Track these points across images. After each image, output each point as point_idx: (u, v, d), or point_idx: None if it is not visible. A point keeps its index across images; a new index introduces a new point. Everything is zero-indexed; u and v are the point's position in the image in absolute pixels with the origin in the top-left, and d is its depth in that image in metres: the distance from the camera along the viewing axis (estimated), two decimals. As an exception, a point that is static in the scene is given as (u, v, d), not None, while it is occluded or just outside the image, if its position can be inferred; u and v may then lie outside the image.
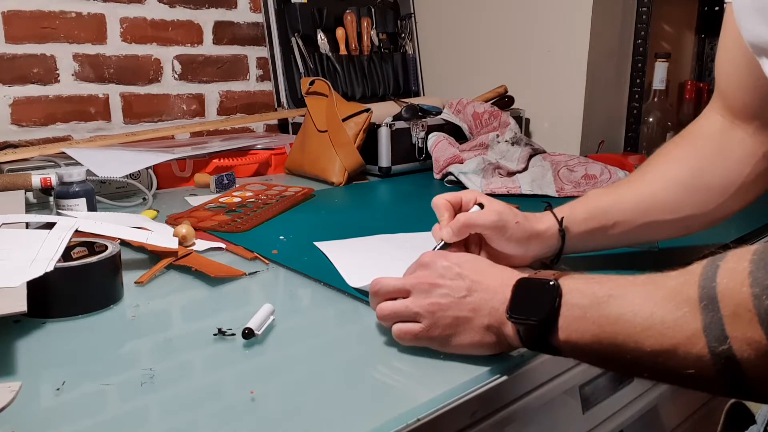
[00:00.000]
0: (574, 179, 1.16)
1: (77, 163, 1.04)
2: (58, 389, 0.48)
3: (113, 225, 0.75)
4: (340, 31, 1.61)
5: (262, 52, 1.62)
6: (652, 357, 0.41)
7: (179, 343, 0.56)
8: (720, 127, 0.69)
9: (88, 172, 0.95)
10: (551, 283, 0.48)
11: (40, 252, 0.61)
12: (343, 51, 1.62)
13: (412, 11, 1.77)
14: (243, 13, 1.58)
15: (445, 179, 1.26)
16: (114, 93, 1.40)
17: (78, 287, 0.61)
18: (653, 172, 0.71)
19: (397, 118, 1.34)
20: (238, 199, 1.06)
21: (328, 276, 0.71)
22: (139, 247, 0.79)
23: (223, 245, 0.82)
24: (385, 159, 1.31)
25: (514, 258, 0.68)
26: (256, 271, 0.74)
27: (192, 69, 1.51)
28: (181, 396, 0.48)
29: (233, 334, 0.57)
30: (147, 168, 1.11)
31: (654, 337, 0.41)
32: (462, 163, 1.24)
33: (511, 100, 1.56)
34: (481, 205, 0.67)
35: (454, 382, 0.50)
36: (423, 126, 1.35)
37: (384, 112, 1.34)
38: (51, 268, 0.58)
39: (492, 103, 1.47)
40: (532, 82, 1.56)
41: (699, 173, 0.68)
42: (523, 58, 1.57)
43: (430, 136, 1.34)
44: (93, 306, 0.62)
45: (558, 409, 0.65)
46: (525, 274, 0.52)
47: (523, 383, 0.56)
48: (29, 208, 1.00)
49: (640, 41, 1.53)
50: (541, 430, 0.63)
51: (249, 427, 0.44)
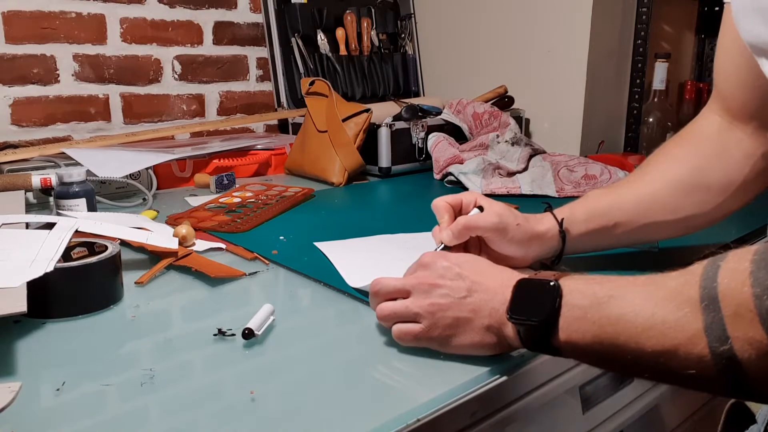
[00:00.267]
0: (574, 179, 1.16)
1: (77, 164, 1.04)
2: (58, 389, 0.48)
3: (113, 225, 0.75)
4: (340, 32, 1.61)
5: (262, 52, 1.62)
6: (653, 357, 0.41)
7: (179, 343, 0.56)
8: (718, 127, 0.69)
9: (88, 173, 0.95)
10: (551, 283, 0.48)
11: (40, 252, 0.61)
12: (343, 51, 1.62)
13: (412, 11, 1.77)
14: (243, 14, 1.58)
15: (445, 179, 1.26)
16: (114, 93, 1.40)
17: (78, 287, 0.61)
18: (653, 173, 0.71)
19: (397, 118, 1.34)
20: (238, 199, 1.06)
21: (328, 276, 0.71)
22: (139, 248, 0.79)
23: (223, 245, 0.82)
24: (385, 159, 1.31)
25: (514, 259, 0.68)
26: (256, 272, 0.74)
27: (192, 69, 1.51)
28: (181, 396, 0.48)
29: (233, 335, 0.57)
30: (147, 168, 1.11)
31: (655, 337, 0.41)
32: (462, 163, 1.24)
33: (511, 100, 1.56)
34: (481, 208, 0.67)
35: (454, 383, 0.50)
36: (423, 126, 1.35)
37: (384, 112, 1.34)
38: (51, 269, 0.58)
39: (492, 104, 1.47)
40: (532, 82, 1.56)
41: (698, 173, 0.68)
42: (523, 58, 1.57)
43: (430, 136, 1.34)
44: (93, 306, 0.62)
45: (558, 410, 0.65)
46: (525, 275, 0.52)
47: (523, 383, 0.56)
48: (29, 208, 1.00)
49: (640, 41, 1.53)
50: (542, 430, 0.63)
51: (249, 427, 0.44)
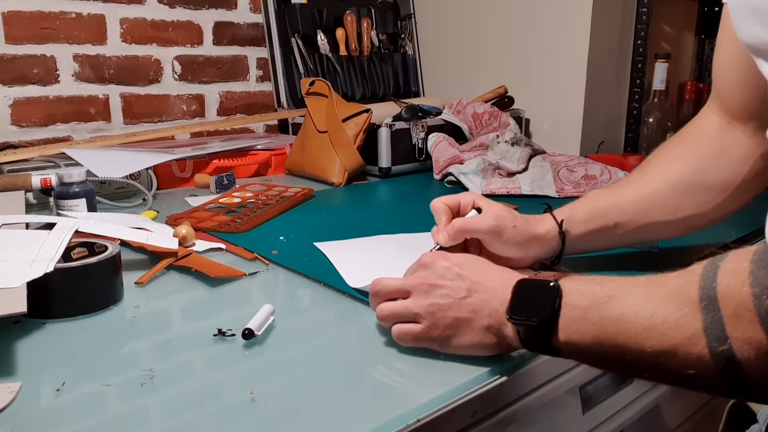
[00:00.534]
0: (574, 180, 1.16)
1: (77, 164, 1.04)
2: (58, 390, 0.48)
3: (113, 225, 0.75)
4: (340, 32, 1.61)
5: (262, 52, 1.62)
6: (653, 357, 0.41)
7: (179, 343, 0.56)
8: (718, 127, 0.69)
9: (88, 173, 0.95)
10: (551, 284, 0.48)
11: (40, 252, 0.61)
12: (343, 51, 1.62)
13: (412, 12, 1.77)
14: (243, 14, 1.58)
15: (445, 180, 1.26)
16: (114, 93, 1.40)
17: (78, 288, 0.61)
18: (652, 173, 0.71)
19: (397, 118, 1.34)
20: (238, 199, 1.06)
21: (328, 276, 0.71)
22: (139, 248, 0.79)
23: (223, 246, 0.82)
24: (385, 159, 1.31)
25: (513, 260, 0.68)
26: (256, 272, 0.74)
27: (192, 69, 1.51)
28: (181, 396, 0.48)
29: (233, 335, 0.57)
30: (147, 168, 1.11)
31: (655, 337, 0.41)
32: (462, 163, 1.24)
33: (511, 100, 1.56)
34: (479, 210, 0.67)
35: (454, 383, 0.50)
36: (423, 126, 1.35)
37: (384, 112, 1.34)
38: (51, 269, 0.58)
39: (492, 104, 1.47)
40: (532, 82, 1.56)
41: (698, 173, 0.68)
42: (523, 58, 1.57)
43: (430, 136, 1.34)
44: (93, 306, 0.62)
45: (558, 410, 0.65)
46: (525, 275, 0.52)
47: (524, 384, 0.56)
48: (29, 208, 1.00)
49: (640, 42, 1.53)
50: (542, 430, 0.63)
51: (249, 427, 0.44)
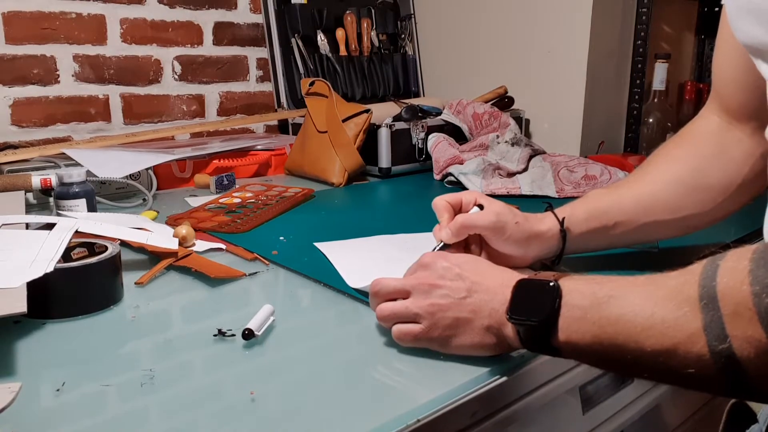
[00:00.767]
0: (574, 180, 1.16)
1: (77, 164, 1.04)
2: (58, 390, 0.48)
3: (113, 226, 0.75)
4: (340, 32, 1.61)
5: (262, 52, 1.62)
6: (653, 357, 0.41)
7: (179, 343, 0.56)
8: (717, 127, 0.69)
9: (88, 173, 0.95)
10: (551, 284, 0.48)
11: (40, 253, 0.61)
12: (343, 52, 1.62)
13: (412, 12, 1.77)
14: (243, 14, 1.58)
15: (445, 180, 1.26)
16: (114, 94, 1.40)
17: (78, 288, 0.61)
18: (653, 172, 0.71)
19: (397, 118, 1.34)
20: (238, 199, 1.06)
21: (328, 277, 0.71)
22: (139, 248, 0.79)
23: (223, 246, 0.82)
24: (385, 160, 1.31)
25: (514, 258, 0.68)
26: (256, 272, 0.74)
27: (192, 70, 1.51)
28: (181, 396, 0.48)
29: (233, 335, 0.57)
30: (147, 169, 1.11)
31: (654, 336, 0.41)
32: (462, 163, 1.24)
33: (511, 100, 1.56)
34: (480, 206, 0.67)
35: (454, 383, 0.50)
36: (423, 127, 1.35)
37: (384, 112, 1.34)
38: (51, 269, 0.58)
39: (492, 104, 1.47)
40: (532, 82, 1.56)
41: (698, 173, 0.68)
42: (523, 58, 1.57)
43: (430, 136, 1.34)
44: (93, 307, 0.62)
45: (558, 410, 0.65)
46: (525, 275, 0.52)
47: (524, 384, 0.56)
48: (29, 208, 1.00)
49: (639, 42, 1.53)
50: (542, 430, 0.63)
51: (249, 427, 0.44)
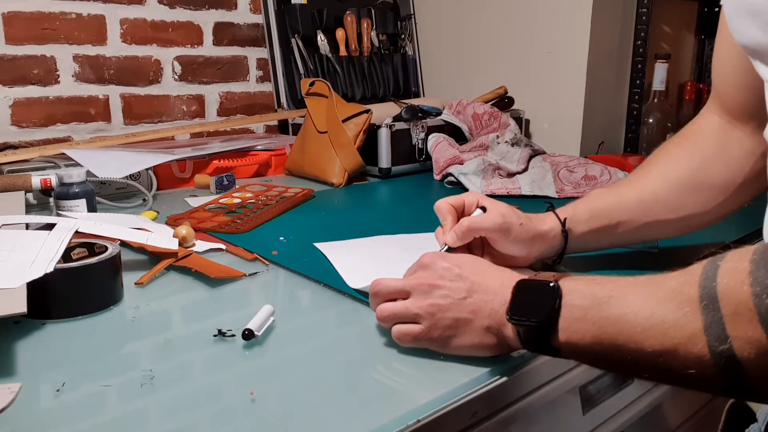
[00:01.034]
0: (574, 180, 1.16)
1: (77, 164, 1.04)
2: (58, 390, 0.48)
3: (113, 226, 0.75)
4: (340, 32, 1.61)
5: (262, 53, 1.62)
6: (653, 357, 0.41)
7: (179, 344, 0.56)
8: (718, 127, 0.69)
9: (88, 173, 0.95)
10: (551, 284, 0.48)
11: (40, 253, 0.61)
12: (343, 52, 1.62)
13: (412, 12, 1.77)
14: (243, 14, 1.58)
15: (445, 180, 1.26)
16: (114, 94, 1.40)
17: (78, 288, 0.61)
18: (654, 172, 0.71)
19: (397, 119, 1.34)
20: (238, 200, 1.06)
21: (328, 277, 0.71)
22: (139, 248, 0.79)
23: (223, 246, 0.82)
24: (385, 160, 1.31)
25: (517, 259, 0.68)
26: (256, 272, 0.74)
27: (192, 70, 1.51)
28: (181, 397, 0.48)
29: (233, 335, 0.57)
30: (147, 169, 1.11)
31: (655, 337, 0.41)
32: (462, 164, 1.24)
33: (511, 101, 1.56)
34: (483, 208, 0.67)
35: (455, 383, 0.50)
36: (423, 127, 1.35)
37: (384, 113, 1.34)
38: (51, 269, 0.58)
39: (492, 104, 1.47)
40: (532, 83, 1.56)
41: (699, 172, 0.68)
42: (523, 59, 1.57)
43: (430, 137, 1.34)
44: (93, 307, 0.62)
45: (559, 410, 0.65)
46: (525, 276, 0.52)
47: (524, 384, 0.56)
48: (29, 209, 1.00)
49: (639, 42, 1.53)
50: (542, 430, 0.63)
51: (249, 427, 0.44)
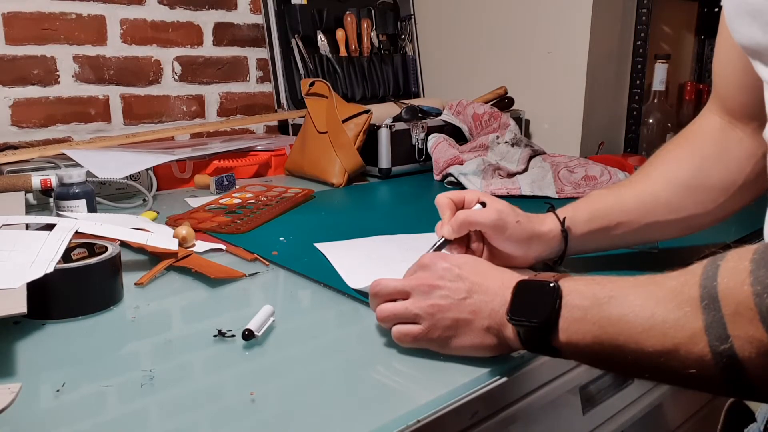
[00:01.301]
0: (574, 180, 1.16)
1: (77, 165, 1.04)
2: (58, 390, 0.48)
3: (113, 226, 0.75)
4: (340, 33, 1.61)
5: (262, 53, 1.62)
6: (654, 357, 0.41)
7: (179, 344, 0.56)
8: (719, 128, 0.69)
9: (88, 174, 0.95)
10: (551, 284, 0.48)
11: (40, 253, 0.61)
12: (343, 52, 1.62)
13: (412, 12, 1.77)
14: (243, 15, 1.58)
15: (445, 180, 1.26)
16: (114, 94, 1.40)
17: (78, 288, 0.61)
18: (654, 173, 0.71)
19: (397, 119, 1.34)
20: (238, 200, 1.06)
21: (328, 277, 0.71)
22: (139, 249, 0.79)
23: (223, 246, 0.82)
24: (385, 160, 1.31)
25: (516, 258, 0.68)
26: (256, 273, 0.74)
27: (192, 70, 1.51)
28: (181, 397, 0.48)
29: (233, 336, 0.57)
30: (147, 169, 1.11)
31: (655, 337, 0.41)
32: (462, 164, 1.24)
33: (511, 101, 1.56)
34: (483, 204, 0.67)
35: (455, 383, 0.50)
36: (423, 127, 1.35)
37: (384, 113, 1.34)
38: (51, 270, 0.58)
39: (492, 105, 1.47)
40: (532, 83, 1.56)
41: (700, 173, 0.68)
42: (523, 59, 1.57)
43: (430, 137, 1.34)
44: (93, 307, 0.62)
45: (559, 410, 0.65)
46: (525, 276, 0.52)
47: (524, 384, 0.56)
48: (29, 209, 1.00)
49: (639, 42, 1.53)
50: (543, 430, 0.63)
51: (249, 428, 0.44)
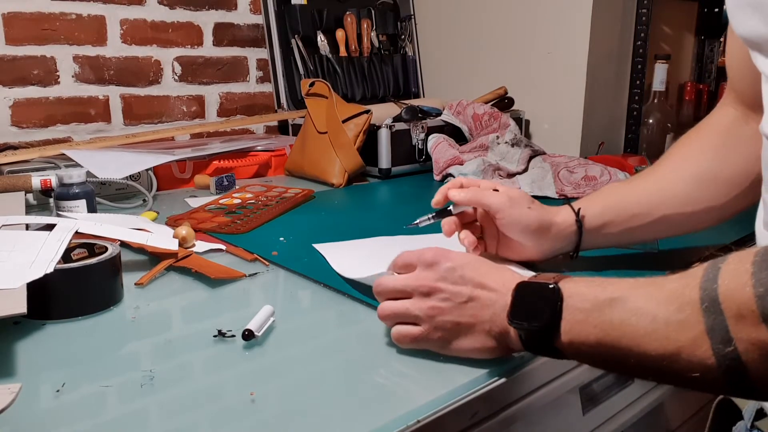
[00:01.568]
0: (574, 180, 1.16)
1: (77, 165, 1.04)
2: (58, 391, 0.48)
3: (113, 226, 0.75)
4: (340, 33, 1.61)
5: (262, 53, 1.62)
6: (657, 361, 0.41)
7: (179, 344, 0.56)
8: (733, 121, 0.69)
9: (88, 174, 0.95)
10: (551, 286, 0.47)
11: (40, 254, 0.61)
12: (343, 52, 1.62)
13: (412, 13, 1.77)
14: (243, 15, 1.58)
15: (445, 181, 1.26)
16: (114, 94, 1.40)
17: (78, 289, 0.61)
18: (669, 165, 0.71)
19: (397, 119, 1.34)
20: (238, 200, 1.06)
21: (328, 277, 0.71)
22: (139, 249, 0.79)
23: (223, 247, 0.82)
24: (385, 160, 1.31)
25: (529, 249, 0.69)
26: (256, 273, 0.74)
27: (192, 70, 1.51)
28: (181, 397, 0.48)
29: (233, 336, 0.57)
30: (147, 169, 1.11)
31: (658, 340, 0.41)
32: (462, 164, 1.24)
33: (511, 101, 1.56)
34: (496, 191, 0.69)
35: (455, 384, 0.50)
36: (423, 127, 1.35)
37: (384, 113, 1.34)
38: (51, 270, 0.58)
39: (492, 105, 1.47)
40: (532, 83, 1.56)
41: (712, 167, 0.68)
42: (523, 59, 1.57)
43: (430, 137, 1.34)
44: (93, 307, 0.62)
45: (559, 410, 0.65)
46: (526, 277, 0.52)
47: (524, 384, 0.56)
48: (29, 209, 1.00)
49: (639, 43, 1.53)
50: (543, 430, 0.63)
51: (249, 428, 0.44)
